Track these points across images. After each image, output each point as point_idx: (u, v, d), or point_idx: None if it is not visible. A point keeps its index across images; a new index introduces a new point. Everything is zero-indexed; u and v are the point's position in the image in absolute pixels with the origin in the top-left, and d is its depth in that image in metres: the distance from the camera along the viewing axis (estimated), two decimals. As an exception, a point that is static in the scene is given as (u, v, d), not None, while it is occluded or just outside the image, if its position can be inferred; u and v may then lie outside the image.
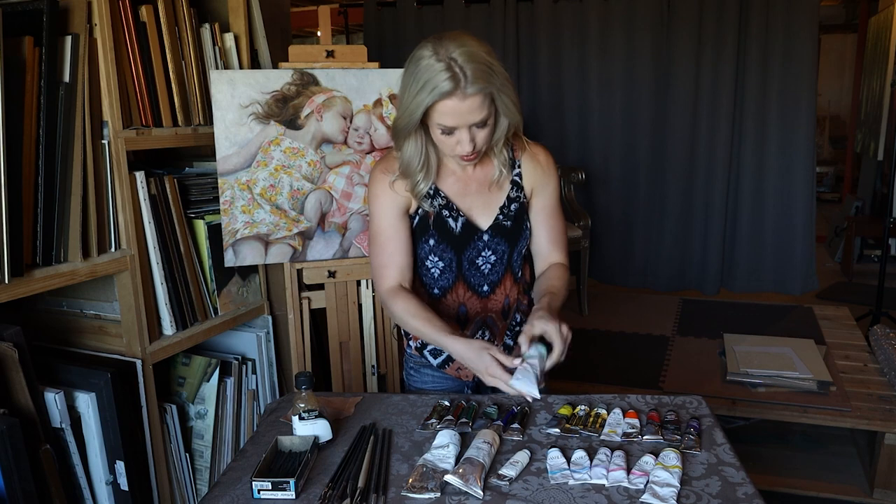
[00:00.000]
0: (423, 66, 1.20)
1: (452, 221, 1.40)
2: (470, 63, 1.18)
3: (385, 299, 1.40)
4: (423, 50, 1.22)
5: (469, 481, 1.08)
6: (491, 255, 1.43)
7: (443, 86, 1.18)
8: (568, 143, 4.30)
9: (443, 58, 1.18)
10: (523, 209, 1.44)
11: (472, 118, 1.23)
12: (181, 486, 1.81)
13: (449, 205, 1.40)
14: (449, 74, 1.17)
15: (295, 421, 1.24)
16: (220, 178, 1.83)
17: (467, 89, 1.18)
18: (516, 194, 1.42)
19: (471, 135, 1.25)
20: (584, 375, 2.82)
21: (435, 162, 1.37)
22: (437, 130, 1.26)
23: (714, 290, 4.18)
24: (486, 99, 1.22)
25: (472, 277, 1.44)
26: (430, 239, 1.41)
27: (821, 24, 3.93)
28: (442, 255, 1.42)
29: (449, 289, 1.45)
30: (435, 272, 1.44)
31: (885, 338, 2.78)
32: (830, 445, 2.69)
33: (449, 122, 1.23)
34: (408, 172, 1.36)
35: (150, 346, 1.65)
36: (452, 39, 1.21)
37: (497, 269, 1.45)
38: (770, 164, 3.98)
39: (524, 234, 1.45)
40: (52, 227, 1.42)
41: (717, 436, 1.24)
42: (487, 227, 1.41)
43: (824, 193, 7.64)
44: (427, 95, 1.19)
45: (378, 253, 1.40)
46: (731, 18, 3.83)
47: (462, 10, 4.28)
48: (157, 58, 1.69)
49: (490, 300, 1.47)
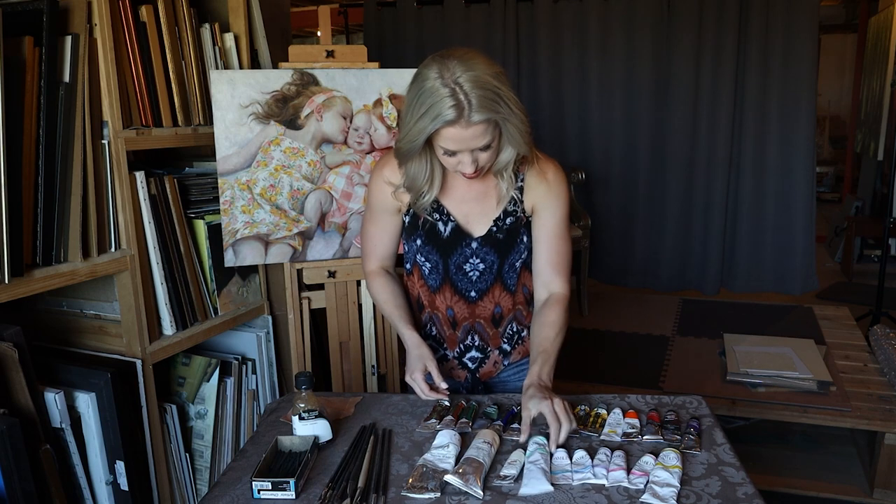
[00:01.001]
0: (427, 89, 1.16)
1: (442, 225, 1.40)
2: (476, 90, 1.14)
3: (366, 279, 1.53)
4: (428, 70, 1.18)
5: (469, 481, 1.08)
6: (479, 262, 1.41)
7: (446, 114, 1.15)
8: (568, 143, 4.30)
9: (448, 82, 1.14)
10: (519, 224, 1.40)
11: (474, 144, 1.21)
12: (181, 486, 1.81)
13: (440, 208, 1.39)
14: (453, 102, 1.14)
15: (295, 421, 1.25)
16: (220, 178, 1.83)
17: (472, 118, 1.15)
18: (513, 209, 1.39)
19: (473, 157, 1.24)
20: (584, 375, 2.82)
21: (440, 176, 1.35)
22: (440, 151, 1.25)
23: (714, 290, 4.18)
24: (491, 125, 1.19)
25: (459, 282, 1.43)
26: (417, 239, 1.42)
27: (821, 25, 3.93)
28: (428, 257, 1.42)
29: (438, 289, 1.46)
30: (425, 270, 1.45)
31: (885, 338, 2.78)
32: (830, 445, 2.69)
33: (451, 146, 1.22)
34: (413, 188, 1.35)
35: (150, 346, 1.65)
36: (460, 61, 1.16)
37: (486, 278, 1.43)
38: (770, 164, 3.98)
39: (517, 249, 1.42)
40: (52, 227, 1.42)
41: (717, 436, 1.24)
42: (479, 235, 1.40)
43: (824, 193, 7.64)
44: (430, 123, 1.17)
45: (365, 239, 1.51)
46: (731, 18, 3.83)
47: (462, 10, 4.28)
48: (157, 58, 1.69)
49: (478, 306, 1.46)
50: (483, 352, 1.50)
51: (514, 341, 1.52)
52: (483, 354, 1.50)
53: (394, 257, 1.52)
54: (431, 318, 1.50)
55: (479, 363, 1.50)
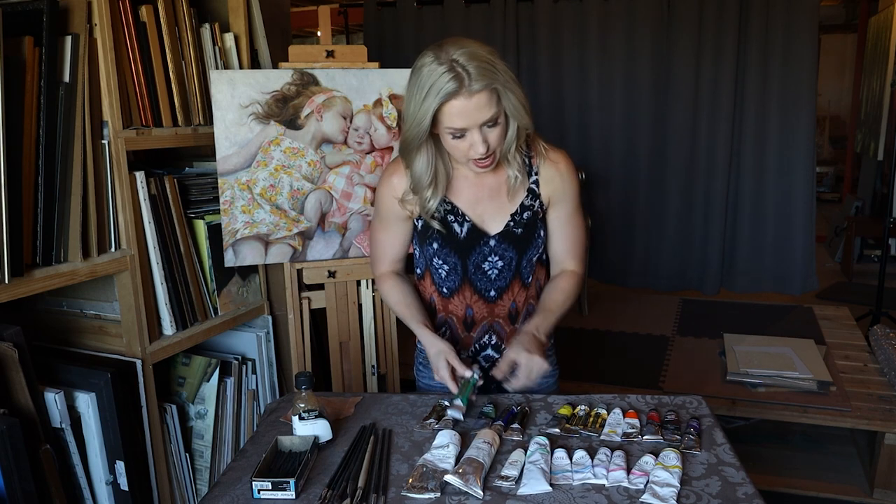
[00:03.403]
0: (425, 73, 1.20)
1: (458, 227, 1.40)
2: (472, 61, 1.18)
3: (377, 281, 1.54)
4: (424, 58, 1.21)
5: (469, 481, 1.08)
6: (498, 260, 1.42)
7: (447, 86, 1.17)
8: (568, 142, 4.29)
9: (444, 61, 1.18)
10: (536, 217, 1.41)
11: (480, 116, 1.21)
12: (181, 486, 1.81)
13: (454, 210, 1.39)
14: (452, 75, 1.17)
15: (295, 421, 1.25)
16: (220, 178, 1.83)
17: (472, 86, 1.18)
18: (530, 202, 1.40)
19: (483, 135, 1.24)
20: (584, 375, 2.82)
21: (444, 177, 1.36)
22: (448, 136, 1.25)
23: (714, 290, 4.18)
24: (493, 96, 1.21)
25: (478, 282, 1.44)
26: (433, 242, 1.41)
27: (821, 25, 3.93)
28: (446, 259, 1.42)
29: (456, 290, 1.45)
30: (442, 272, 1.45)
31: (885, 338, 2.78)
32: (830, 445, 2.69)
33: (458, 123, 1.22)
34: (418, 188, 1.36)
35: (150, 346, 1.65)
36: (452, 43, 1.20)
37: (505, 275, 1.43)
38: (770, 164, 3.98)
39: (535, 243, 1.43)
40: (52, 227, 1.42)
41: (717, 436, 1.24)
42: (496, 232, 1.40)
43: (824, 193, 7.64)
44: (433, 99, 1.19)
45: (375, 245, 1.52)
46: (731, 18, 3.82)
47: (462, 10, 4.28)
48: (157, 58, 1.69)
49: (497, 305, 1.46)
50: (498, 350, 1.50)
51: None
52: (498, 354, 1.50)
53: (404, 260, 1.53)
54: (446, 322, 1.50)
55: (493, 363, 1.50)
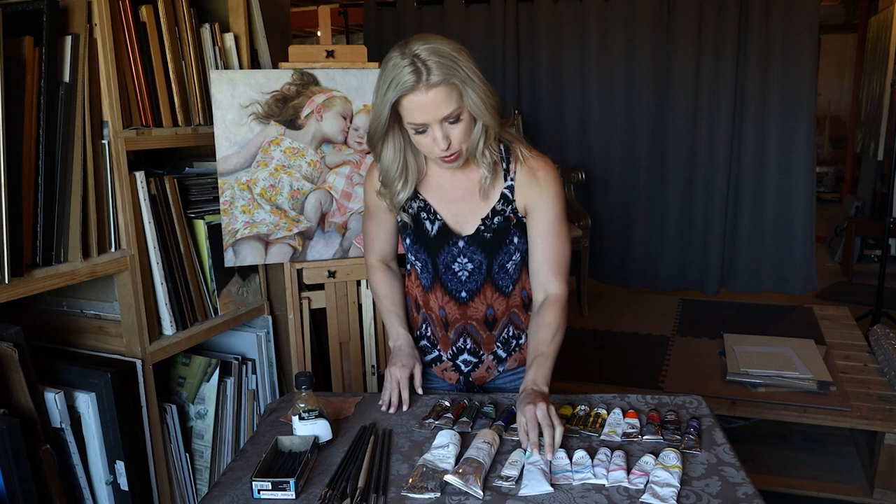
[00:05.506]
0: (389, 67, 1.21)
1: (429, 224, 1.40)
2: (433, 56, 1.18)
3: (368, 270, 1.57)
4: (391, 52, 1.23)
5: (469, 481, 1.08)
6: (468, 262, 1.40)
7: (406, 80, 1.18)
8: (568, 142, 4.30)
9: (407, 55, 1.19)
10: (508, 224, 1.37)
11: (439, 112, 1.21)
12: (181, 486, 1.81)
13: (427, 207, 1.39)
14: (412, 69, 1.18)
15: (295, 421, 1.25)
16: (220, 178, 1.83)
17: (430, 80, 1.18)
18: (502, 207, 1.37)
19: (444, 131, 1.23)
20: (584, 375, 2.82)
21: (415, 169, 1.36)
22: (412, 131, 1.26)
23: (714, 290, 4.18)
24: (453, 92, 1.20)
25: (448, 282, 1.42)
26: (406, 238, 1.44)
27: (821, 24, 3.93)
28: (417, 255, 1.43)
29: (430, 288, 1.46)
30: (418, 267, 1.46)
31: (885, 338, 2.78)
32: (830, 445, 2.69)
33: (417, 117, 1.22)
34: (387, 181, 1.36)
35: (150, 346, 1.65)
36: (420, 39, 1.21)
37: (475, 278, 1.41)
38: (770, 164, 3.98)
39: (506, 250, 1.39)
40: (52, 227, 1.42)
41: (717, 436, 1.24)
42: (467, 234, 1.38)
43: (824, 193, 7.64)
44: (392, 92, 1.20)
45: (365, 234, 1.56)
46: (731, 18, 3.83)
47: (462, 10, 4.28)
48: (157, 58, 1.69)
49: (469, 307, 1.44)
50: (476, 355, 1.48)
51: (510, 347, 1.49)
52: (476, 359, 1.48)
53: (394, 252, 1.56)
54: (426, 319, 1.50)
55: (472, 367, 1.49)
